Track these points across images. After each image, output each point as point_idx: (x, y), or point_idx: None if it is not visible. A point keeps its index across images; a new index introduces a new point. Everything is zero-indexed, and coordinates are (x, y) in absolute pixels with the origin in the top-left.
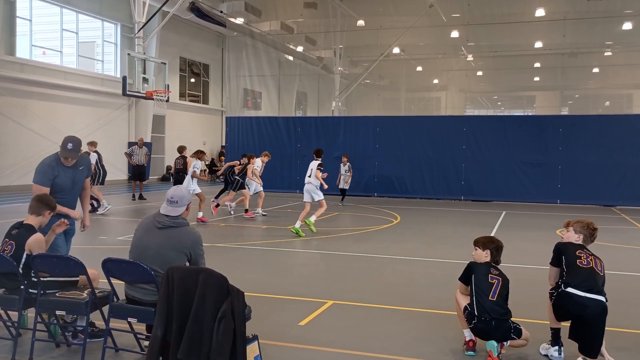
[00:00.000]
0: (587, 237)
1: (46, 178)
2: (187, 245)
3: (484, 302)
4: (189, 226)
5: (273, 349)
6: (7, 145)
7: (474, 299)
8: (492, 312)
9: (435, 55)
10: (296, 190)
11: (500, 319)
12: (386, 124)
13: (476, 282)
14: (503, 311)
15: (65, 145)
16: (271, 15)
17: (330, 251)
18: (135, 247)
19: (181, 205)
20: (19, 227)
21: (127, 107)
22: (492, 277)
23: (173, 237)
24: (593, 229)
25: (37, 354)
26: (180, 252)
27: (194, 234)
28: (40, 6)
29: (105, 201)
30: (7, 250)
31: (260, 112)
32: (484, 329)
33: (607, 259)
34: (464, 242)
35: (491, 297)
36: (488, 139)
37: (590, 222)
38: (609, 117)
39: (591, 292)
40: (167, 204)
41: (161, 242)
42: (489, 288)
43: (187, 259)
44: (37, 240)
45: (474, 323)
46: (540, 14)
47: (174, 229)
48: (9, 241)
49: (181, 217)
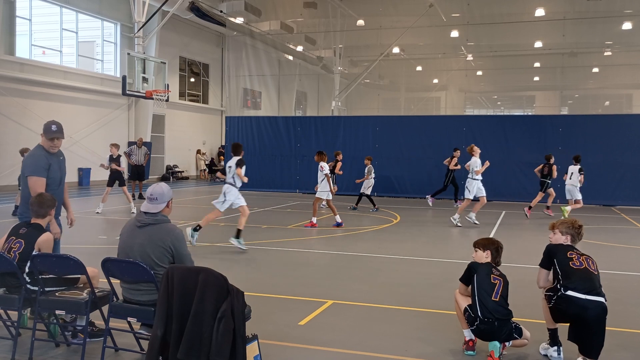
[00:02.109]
0: (575, 236)
1: (41, 168)
2: (168, 242)
3: (487, 303)
4: (169, 223)
5: (273, 349)
6: (7, 145)
7: (476, 300)
8: (495, 312)
9: (435, 55)
10: (296, 190)
11: (503, 319)
12: (386, 124)
13: (479, 282)
14: (506, 312)
15: (50, 127)
16: (271, 15)
17: (330, 251)
18: (121, 251)
19: (161, 202)
20: (27, 226)
21: (126, 107)
22: (494, 277)
23: (154, 235)
24: (578, 227)
25: (37, 353)
26: (162, 248)
27: (175, 231)
28: (40, 6)
29: (103, 203)
30: (16, 248)
31: (260, 111)
32: (487, 330)
33: (606, 258)
34: (464, 242)
35: (494, 298)
36: (488, 138)
37: (574, 220)
38: (609, 117)
39: (591, 293)
40: (147, 202)
41: (143, 242)
42: (492, 288)
43: (170, 255)
44: (47, 240)
45: (477, 325)
46: (540, 14)
47: (154, 226)
48: (16, 239)
49: (161, 215)
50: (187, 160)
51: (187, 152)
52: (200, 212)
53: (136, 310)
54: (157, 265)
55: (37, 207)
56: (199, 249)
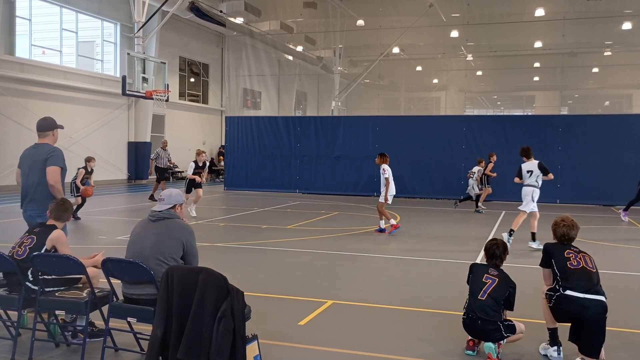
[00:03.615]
0: (559, 235)
1: (64, 163)
2: (183, 234)
3: (473, 301)
4: (181, 219)
5: (273, 349)
6: (7, 145)
7: (468, 297)
8: (479, 310)
9: (435, 55)
10: (296, 190)
11: (486, 319)
12: (386, 124)
13: (472, 280)
14: (492, 312)
15: (55, 122)
16: (271, 15)
17: (330, 251)
18: (132, 242)
19: (167, 203)
20: (41, 226)
21: (126, 107)
22: (487, 277)
23: (169, 226)
24: (555, 225)
25: (37, 353)
26: (177, 240)
27: (188, 226)
28: (39, 6)
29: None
30: (27, 243)
31: (259, 111)
32: (471, 326)
33: (606, 258)
34: (464, 242)
35: (480, 296)
36: (488, 138)
37: (555, 220)
38: (609, 117)
39: (589, 292)
40: (158, 203)
41: (158, 231)
42: (480, 288)
43: (182, 249)
44: (59, 236)
45: (463, 319)
46: (540, 14)
47: (168, 219)
48: (29, 235)
49: (173, 211)
50: (187, 160)
51: (187, 152)
52: (199, 212)
53: (136, 310)
54: (169, 256)
55: (60, 212)
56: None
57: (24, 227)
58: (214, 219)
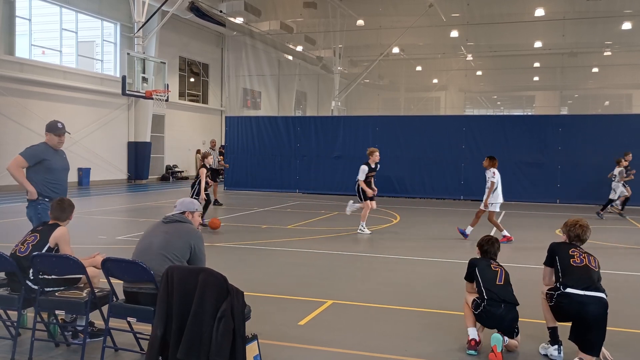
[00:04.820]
0: (572, 236)
1: (33, 157)
2: (192, 237)
3: (492, 287)
4: (192, 224)
5: (272, 349)
6: (7, 145)
7: (482, 287)
8: (502, 294)
9: (435, 55)
10: (296, 190)
11: (510, 303)
12: (386, 124)
13: (481, 272)
14: (512, 296)
15: (56, 125)
16: (271, 14)
17: (330, 251)
18: (142, 239)
19: (179, 209)
20: (44, 225)
21: (126, 107)
22: (494, 266)
23: (180, 228)
24: (570, 226)
25: (37, 353)
26: (185, 242)
27: (198, 232)
28: (39, 6)
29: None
30: (30, 240)
31: (259, 111)
32: (491, 311)
33: (607, 258)
34: (464, 242)
35: (498, 282)
36: (487, 138)
37: (569, 220)
38: (609, 117)
39: (589, 289)
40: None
41: (168, 230)
42: (495, 274)
43: (189, 252)
44: (63, 234)
45: (483, 306)
46: (540, 14)
47: (180, 223)
48: (32, 234)
49: (184, 216)
50: (186, 160)
51: (186, 152)
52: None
53: (136, 310)
54: (175, 254)
55: (59, 212)
56: None
57: (24, 228)
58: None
